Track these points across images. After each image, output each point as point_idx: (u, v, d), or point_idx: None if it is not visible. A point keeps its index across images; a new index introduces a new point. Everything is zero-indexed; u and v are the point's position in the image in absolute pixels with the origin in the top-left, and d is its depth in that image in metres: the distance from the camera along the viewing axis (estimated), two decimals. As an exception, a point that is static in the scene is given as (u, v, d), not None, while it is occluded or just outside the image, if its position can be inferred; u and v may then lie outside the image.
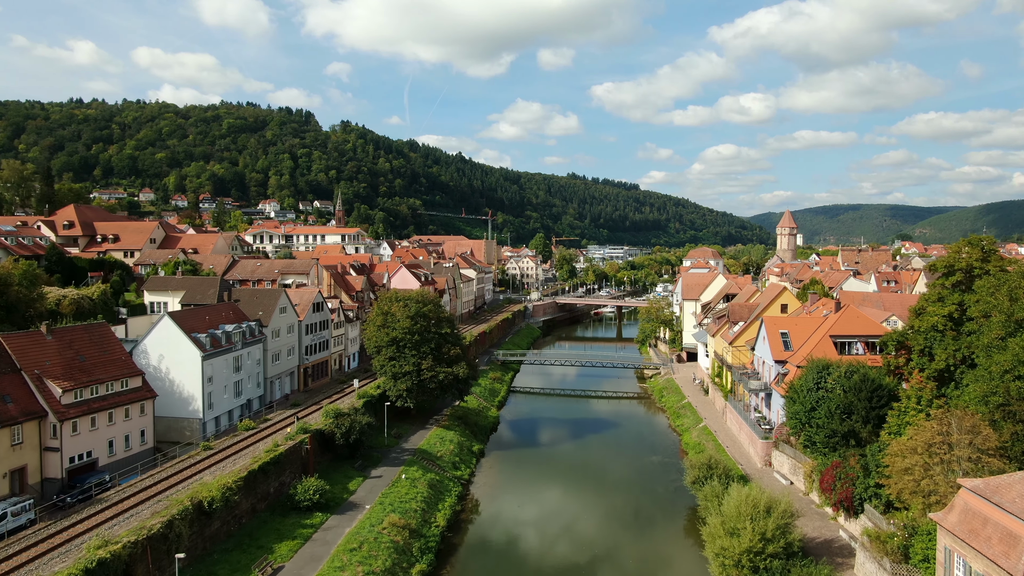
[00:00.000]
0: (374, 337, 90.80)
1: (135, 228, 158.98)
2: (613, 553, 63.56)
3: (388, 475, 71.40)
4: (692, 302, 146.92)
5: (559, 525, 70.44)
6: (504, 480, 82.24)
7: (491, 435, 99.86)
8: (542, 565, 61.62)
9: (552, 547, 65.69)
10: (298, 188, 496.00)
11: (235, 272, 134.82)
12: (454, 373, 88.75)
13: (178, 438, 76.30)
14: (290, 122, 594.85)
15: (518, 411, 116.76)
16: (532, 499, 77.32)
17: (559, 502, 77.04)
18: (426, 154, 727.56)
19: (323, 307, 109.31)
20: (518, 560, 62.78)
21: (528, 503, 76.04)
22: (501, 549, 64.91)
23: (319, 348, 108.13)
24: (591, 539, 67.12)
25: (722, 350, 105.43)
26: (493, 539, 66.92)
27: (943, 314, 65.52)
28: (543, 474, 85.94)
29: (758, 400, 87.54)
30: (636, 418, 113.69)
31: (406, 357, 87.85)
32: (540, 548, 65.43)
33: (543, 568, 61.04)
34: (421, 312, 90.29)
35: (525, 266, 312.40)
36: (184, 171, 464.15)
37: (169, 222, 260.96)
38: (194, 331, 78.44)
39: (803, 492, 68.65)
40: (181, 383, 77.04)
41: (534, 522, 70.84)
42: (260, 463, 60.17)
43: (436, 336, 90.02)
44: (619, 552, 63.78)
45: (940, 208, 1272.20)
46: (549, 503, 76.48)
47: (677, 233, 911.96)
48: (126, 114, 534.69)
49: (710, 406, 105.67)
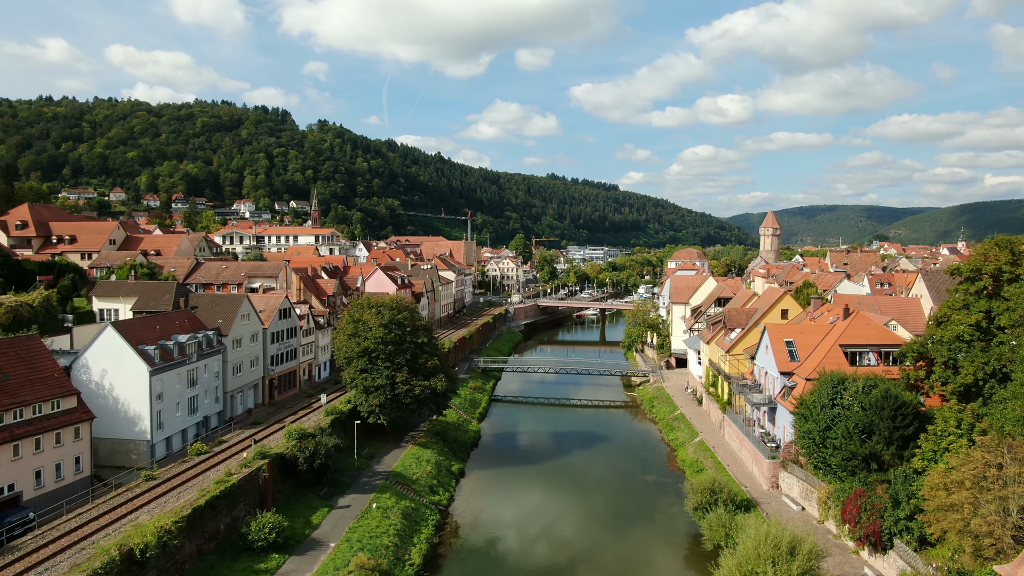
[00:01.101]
0: (344, 347, 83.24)
1: (93, 228, 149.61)
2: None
3: (357, 504, 63.92)
4: (681, 306, 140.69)
5: (546, 559, 63.32)
6: (486, 506, 74.91)
7: (472, 452, 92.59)
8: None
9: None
10: (274, 188, 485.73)
11: (198, 275, 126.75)
12: (431, 386, 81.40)
13: (123, 462, 68.42)
14: (266, 121, 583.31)
15: (501, 424, 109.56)
16: (516, 528, 70.17)
17: (546, 531, 69.88)
18: (405, 154, 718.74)
19: (291, 313, 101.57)
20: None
21: (511, 533, 68.90)
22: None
23: (286, 358, 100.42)
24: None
25: (718, 358, 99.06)
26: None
27: (969, 323, 59.45)
28: (528, 498, 78.87)
29: (760, 414, 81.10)
30: (626, 431, 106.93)
31: (379, 369, 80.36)
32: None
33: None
34: (396, 320, 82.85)
35: (505, 267, 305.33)
36: (156, 170, 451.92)
37: (139, 223, 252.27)
38: (142, 342, 70.49)
39: (817, 520, 62.16)
40: (126, 401, 69.05)
41: (518, 555, 63.71)
42: (208, 497, 52.52)
43: (412, 346, 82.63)
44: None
45: (914, 209, 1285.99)
46: (534, 532, 69.34)
47: (656, 234, 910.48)
48: (97, 112, 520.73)
49: (705, 418, 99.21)
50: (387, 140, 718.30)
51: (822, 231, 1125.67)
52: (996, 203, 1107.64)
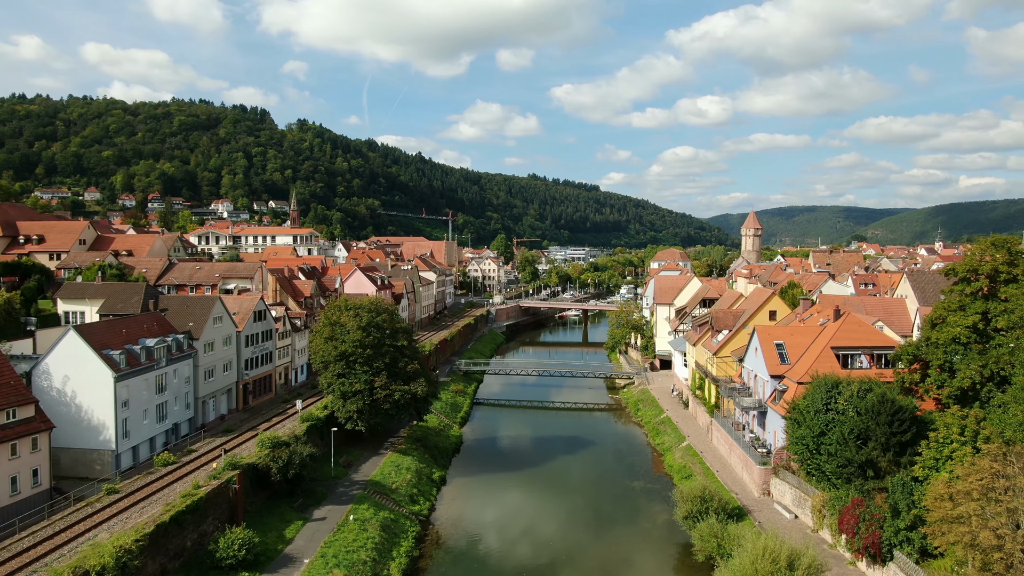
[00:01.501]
0: (320, 351, 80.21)
1: (63, 228, 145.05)
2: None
3: (334, 516, 61.06)
4: (666, 306, 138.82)
5: (532, 572, 60.78)
6: (468, 515, 72.20)
7: (453, 458, 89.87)
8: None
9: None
10: (252, 188, 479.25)
11: (171, 276, 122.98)
12: (412, 391, 78.59)
13: (87, 473, 65.09)
14: (244, 120, 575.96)
15: (483, 428, 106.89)
16: (499, 538, 67.58)
17: (530, 542, 67.35)
18: (385, 154, 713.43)
19: (266, 315, 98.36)
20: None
21: (495, 544, 66.30)
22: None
23: (261, 361, 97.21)
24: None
25: (705, 360, 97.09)
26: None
27: (966, 325, 57.72)
28: (511, 506, 76.34)
29: (749, 419, 79.11)
30: (611, 434, 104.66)
31: (357, 374, 77.42)
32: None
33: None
34: (374, 322, 79.97)
35: (487, 268, 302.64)
36: (132, 170, 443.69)
37: (113, 223, 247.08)
38: (106, 347, 67.15)
39: (811, 528, 60.17)
40: (90, 409, 65.72)
41: (502, 568, 61.10)
42: (173, 512, 49.44)
43: (391, 349, 79.79)
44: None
45: (891, 210, 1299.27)
46: (519, 543, 66.79)
47: (637, 234, 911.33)
48: (71, 110, 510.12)
49: (691, 422, 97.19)
50: (367, 140, 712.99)
51: (801, 232, 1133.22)
52: (971, 204, 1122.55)
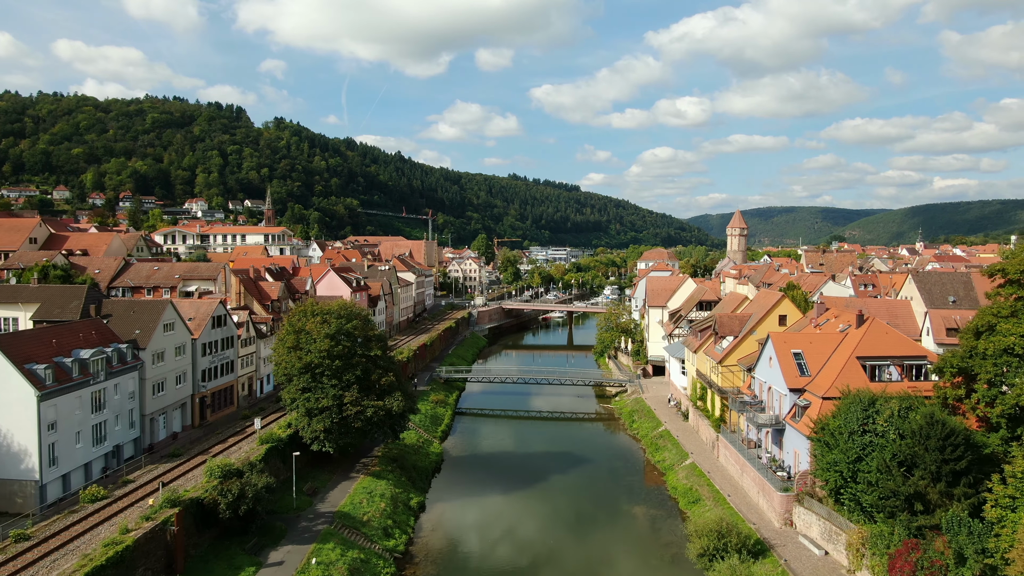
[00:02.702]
0: (284, 362, 71.31)
1: (11, 226, 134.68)
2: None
3: (293, 559, 52.23)
4: (659, 309, 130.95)
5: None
6: (449, 551, 63.37)
7: (433, 479, 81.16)
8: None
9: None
10: (228, 187, 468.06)
11: (126, 277, 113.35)
12: (386, 407, 69.86)
13: (6, 508, 56.15)
14: (220, 118, 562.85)
15: (466, 443, 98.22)
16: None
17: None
18: (364, 153, 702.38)
19: (226, 321, 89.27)
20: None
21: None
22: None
23: (221, 371, 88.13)
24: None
25: (708, 369, 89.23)
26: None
27: (1021, 333, 50.30)
28: (496, 535, 67.84)
29: (763, 436, 71.22)
30: (605, 449, 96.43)
31: (324, 388, 68.60)
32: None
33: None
34: (344, 330, 71.14)
35: (468, 268, 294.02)
36: (103, 168, 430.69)
37: (81, 222, 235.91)
38: (30, 360, 57.96)
39: (846, 569, 52.26)
40: (9, 433, 56.63)
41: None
42: (91, 567, 40.49)
43: (363, 360, 70.99)
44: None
45: (868, 210, 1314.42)
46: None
47: (618, 234, 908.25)
48: (40, 107, 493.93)
49: (693, 436, 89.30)
50: (346, 139, 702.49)
51: (779, 232, 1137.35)
52: (946, 205, 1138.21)
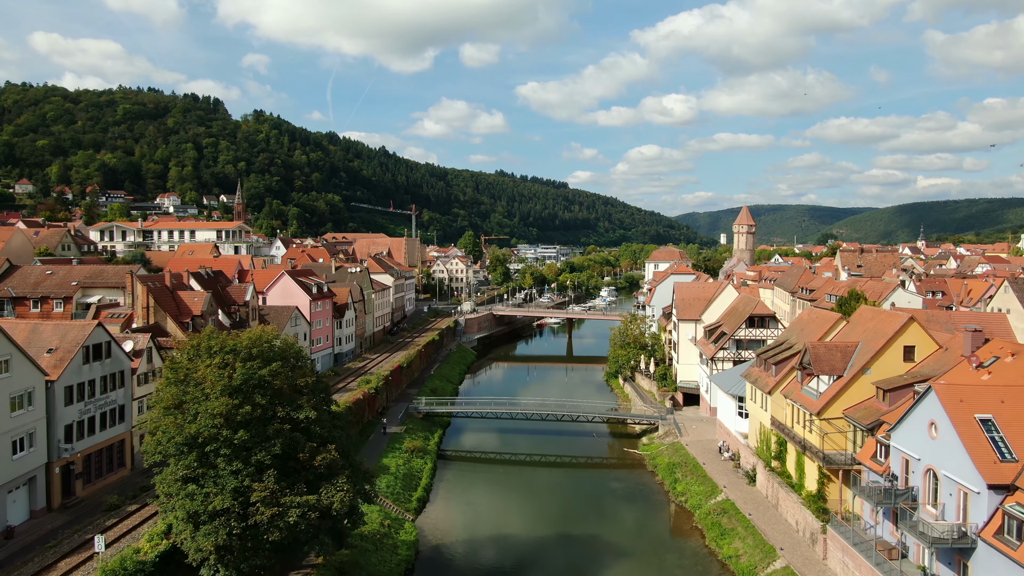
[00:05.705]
0: (160, 431, 44.51)
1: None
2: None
3: None
4: (690, 323, 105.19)
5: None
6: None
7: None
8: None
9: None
10: (203, 181, 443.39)
11: (7, 285, 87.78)
12: (322, 504, 43.30)
13: None
14: (196, 109, 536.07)
15: (451, 513, 71.53)
16: None
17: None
18: (347, 147, 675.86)
19: (109, 351, 62.59)
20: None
21: None
22: None
23: (101, 424, 61.76)
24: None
25: (790, 418, 63.20)
26: None
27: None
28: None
29: (925, 553, 45.26)
30: (643, 528, 69.15)
31: (220, 477, 41.91)
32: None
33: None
34: (256, 378, 44.43)
35: (454, 268, 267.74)
36: (70, 160, 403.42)
37: (33, 218, 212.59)
38: None
39: None
40: None
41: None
42: None
43: (286, 429, 44.31)
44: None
45: (855, 209, 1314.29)
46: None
47: (607, 232, 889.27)
48: (6, 97, 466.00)
49: (772, 515, 63.31)
50: (328, 133, 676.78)
51: (767, 230, 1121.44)
52: (933, 204, 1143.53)
